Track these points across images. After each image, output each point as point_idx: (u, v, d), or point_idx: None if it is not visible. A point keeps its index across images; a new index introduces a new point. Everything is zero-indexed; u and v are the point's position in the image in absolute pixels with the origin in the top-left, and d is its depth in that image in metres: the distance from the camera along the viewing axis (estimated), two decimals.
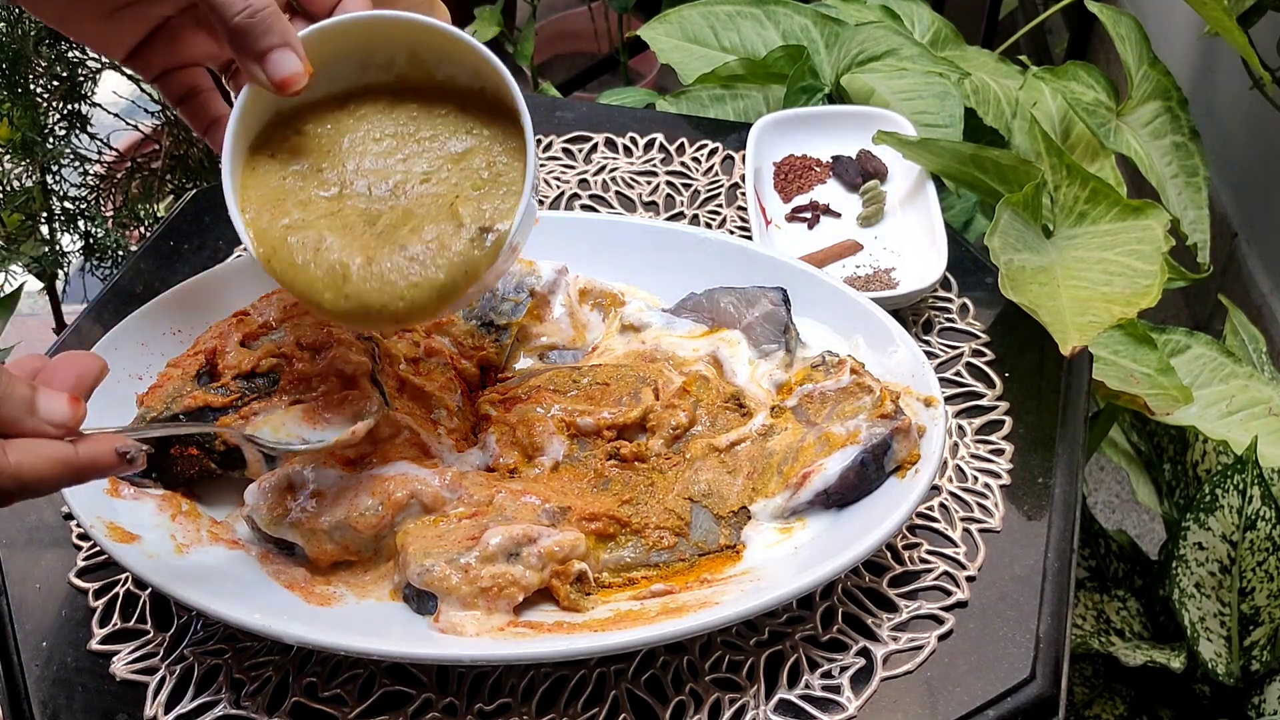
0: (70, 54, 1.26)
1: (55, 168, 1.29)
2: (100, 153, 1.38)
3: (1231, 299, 1.30)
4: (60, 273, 1.40)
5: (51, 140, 1.28)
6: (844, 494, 0.65)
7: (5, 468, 0.49)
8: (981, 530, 0.70)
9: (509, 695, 0.62)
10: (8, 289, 1.32)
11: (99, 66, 1.29)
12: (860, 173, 0.94)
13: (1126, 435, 1.18)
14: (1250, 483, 0.98)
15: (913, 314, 0.84)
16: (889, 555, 0.68)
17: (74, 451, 0.51)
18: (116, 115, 1.38)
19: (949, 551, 0.69)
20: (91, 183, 1.38)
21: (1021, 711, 0.62)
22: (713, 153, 0.97)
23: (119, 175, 1.42)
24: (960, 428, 0.76)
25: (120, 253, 1.36)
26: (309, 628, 0.58)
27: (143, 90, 1.38)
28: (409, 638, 0.59)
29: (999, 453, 0.75)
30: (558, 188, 0.94)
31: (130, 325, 0.71)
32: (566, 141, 0.98)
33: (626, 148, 0.98)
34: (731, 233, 0.90)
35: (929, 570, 0.68)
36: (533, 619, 0.61)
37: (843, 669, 0.63)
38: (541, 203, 0.93)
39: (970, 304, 0.84)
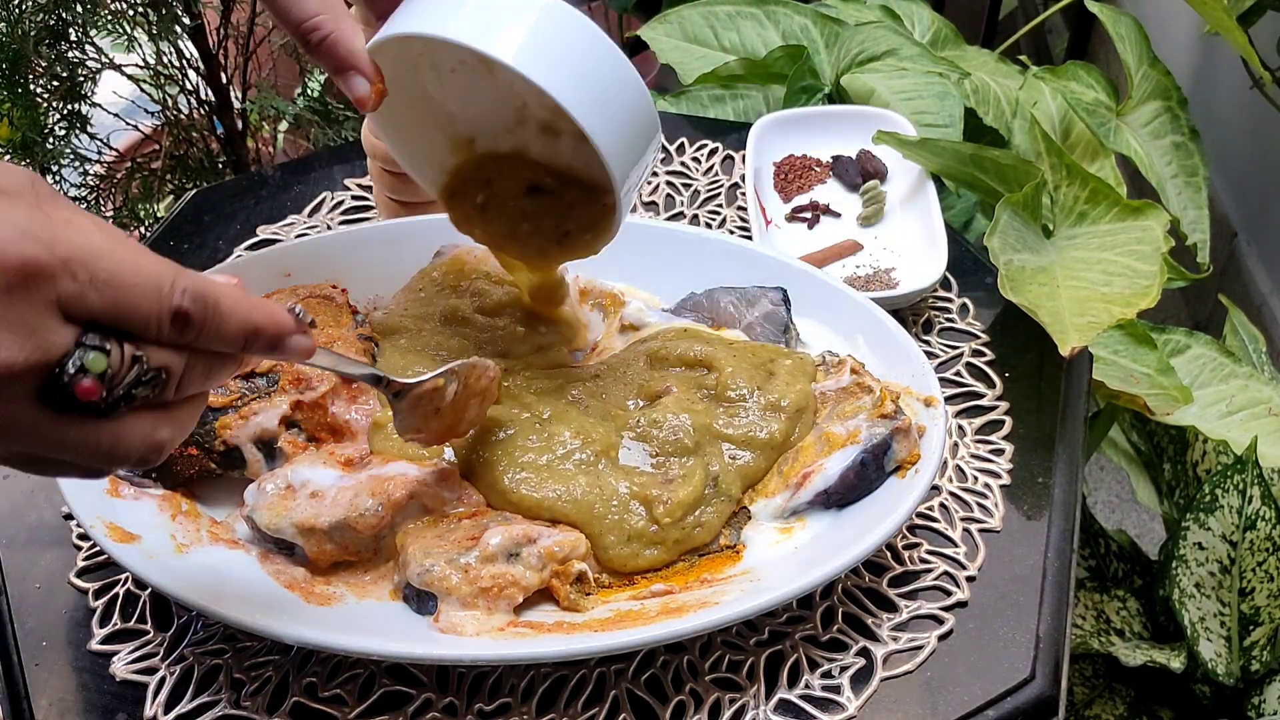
0: (70, 54, 1.26)
1: (55, 168, 1.29)
2: (100, 153, 1.38)
3: (1231, 299, 1.30)
4: None
5: (51, 140, 1.28)
6: (844, 494, 0.65)
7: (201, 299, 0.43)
8: (981, 530, 0.70)
9: (509, 695, 0.62)
10: None
11: (99, 66, 1.29)
12: (860, 173, 0.94)
13: (1126, 435, 1.18)
14: (1250, 483, 0.98)
15: (913, 314, 0.84)
16: (889, 555, 0.68)
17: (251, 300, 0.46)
18: (116, 115, 1.38)
19: (949, 551, 0.69)
20: (91, 183, 1.38)
21: (1021, 711, 0.62)
22: (713, 153, 0.97)
23: (119, 175, 1.42)
24: (960, 428, 0.76)
25: None
26: (309, 628, 0.58)
27: (143, 90, 1.38)
28: (409, 638, 0.59)
29: (999, 453, 0.75)
30: None
31: None
32: None
33: None
34: (731, 233, 0.90)
35: (929, 570, 0.68)
36: (533, 619, 0.61)
37: (843, 669, 0.63)
38: None
39: (970, 304, 0.84)
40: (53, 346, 0.41)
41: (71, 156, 1.31)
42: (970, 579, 0.67)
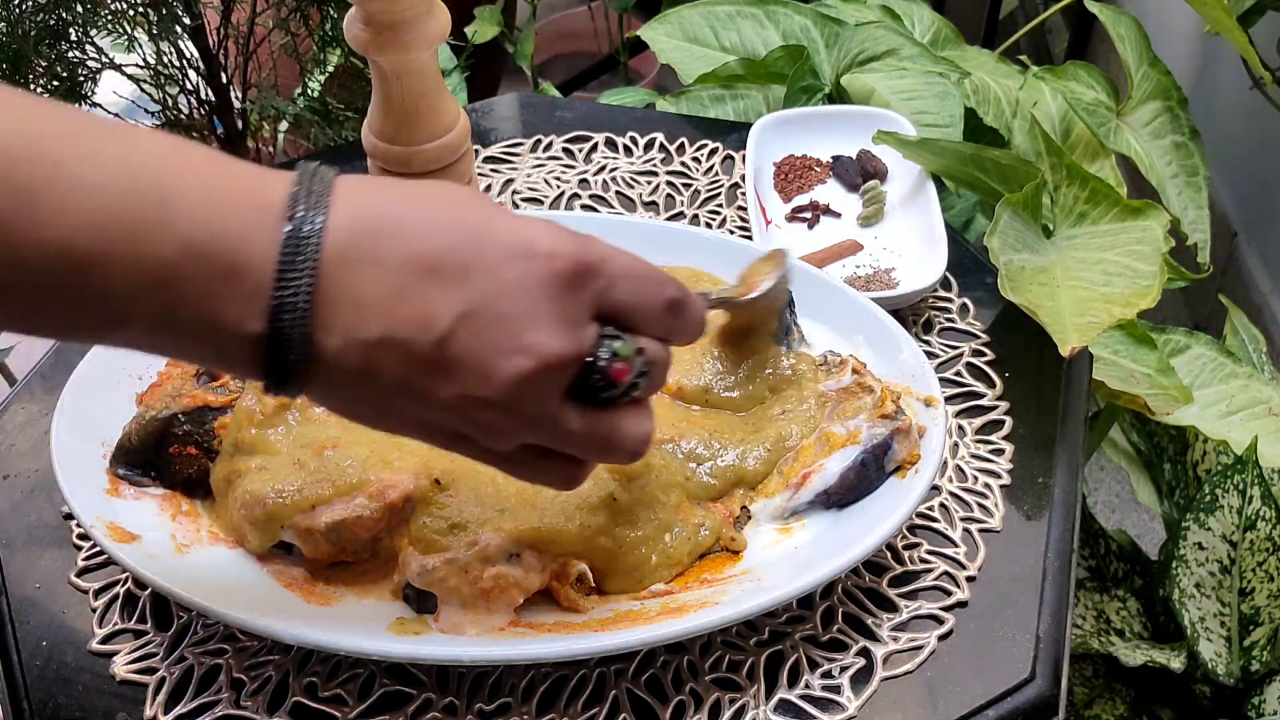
0: (70, 54, 1.26)
1: None
2: None
3: (1231, 299, 1.30)
4: None
5: None
6: (844, 494, 0.65)
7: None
8: (981, 530, 0.70)
9: (509, 695, 0.62)
10: None
11: (99, 66, 1.29)
12: (860, 173, 0.94)
13: (1126, 435, 1.18)
14: (1250, 483, 0.97)
15: (913, 314, 0.84)
16: (889, 555, 0.68)
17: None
18: (117, 115, 1.38)
19: (949, 551, 0.69)
20: None
21: (1021, 711, 0.62)
22: (713, 153, 0.97)
23: None
24: (960, 428, 0.76)
25: None
26: (309, 628, 0.58)
27: (143, 90, 1.38)
28: (409, 638, 0.59)
29: (999, 453, 0.75)
30: (558, 188, 0.94)
31: None
32: (566, 141, 0.98)
33: (626, 148, 0.98)
34: (731, 233, 0.90)
35: (929, 570, 0.68)
36: (533, 619, 0.61)
37: (843, 669, 0.63)
38: (541, 202, 0.93)
39: (970, 304, 0.84)
40: (587, 340, 0.46)
41: None
42: (970, 579, 0.67)
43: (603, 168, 0.96)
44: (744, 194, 0.92)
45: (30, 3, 1.20)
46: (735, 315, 0.69)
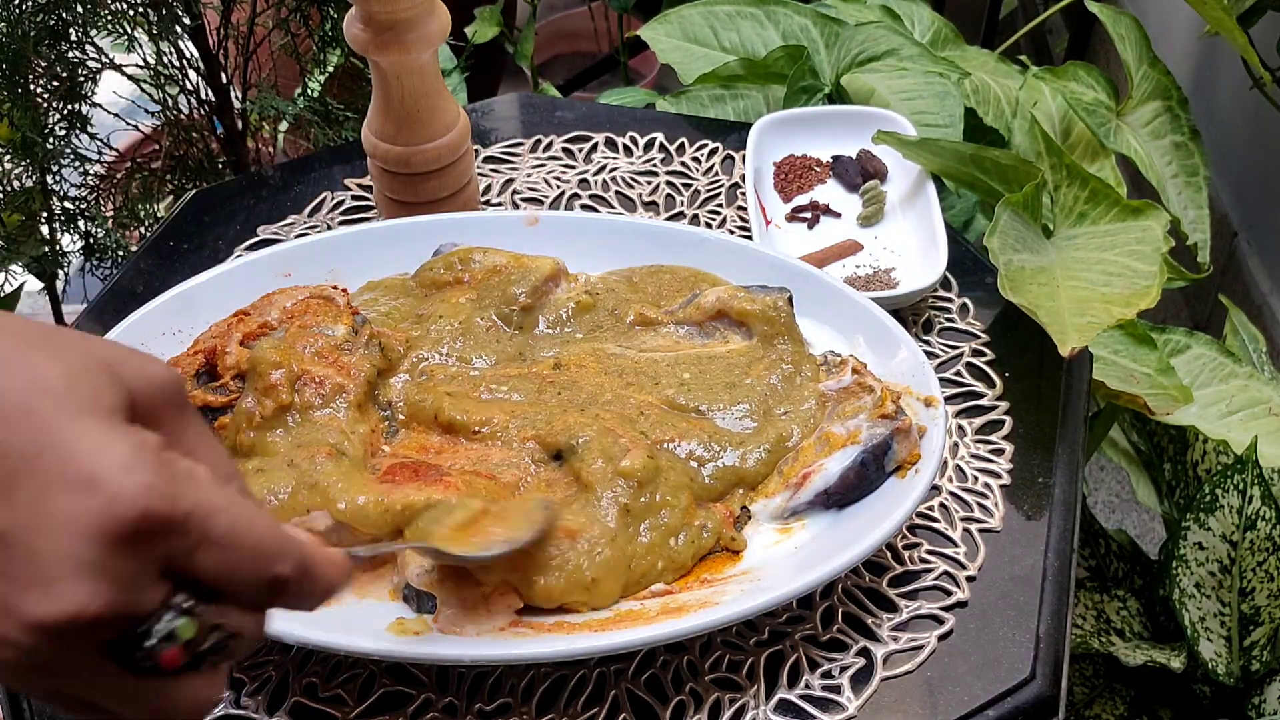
0: (70, 54, 1.26)
1: (55, 168, 1.29)
2: (100, 153, 1.38)
3: (1231, 299, 1.30)
4: (60, 273, 1.40)
5: (51, 140, 1.27)
6: (844, 494, 0.65)
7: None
8: (981, 530, 0.70)
9: (509, 695, 0.62)
10: (8, 289, 1.32)
11: (99, 66, 1.29)
12: (860, 173, 0.94)
13: (1126, 435, 1.18)
14: (1250, 483, 0.97)
15: (913, 314, 0.84)
16: (889, 555, 0.68)
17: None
18: (116, 115, 1.38)
19: (949, 551, 0.69)
20: (91, 183, 1.38)
21: (1021, 711, 0.62)
22: (713, 153, 0.97)
23: (119, 175, 1.42)
24: (960, 428, 0.76)
25: (120, 253, 1.36)
26: (309, 628, 0.58)
27: (143, 90, 1.38)
28: (409, 638, 0.59)
29: (999, 453, 0.75)
30: (558, 188, 0.94)
31: (130, 325, 0.71)
32: (566, 141, 0.98)
33: (626, 148, 0.98)
34: (731, 233, 0.90)
35: (929, 570, 0.68)
36: (533, 619, 0.61)
37: (843, 669, 0.63)
38: (541, 202, 0.93)
39: (970, 304, 0.85)
40: (142, 603, 0.38)
41: (71, 156, 1.31)
42: (970, 579, 0.67)
43: (603, 168, 0.96)
44: (744, 194, 0.92)
45: (30, 3, 1.20)
46: None
